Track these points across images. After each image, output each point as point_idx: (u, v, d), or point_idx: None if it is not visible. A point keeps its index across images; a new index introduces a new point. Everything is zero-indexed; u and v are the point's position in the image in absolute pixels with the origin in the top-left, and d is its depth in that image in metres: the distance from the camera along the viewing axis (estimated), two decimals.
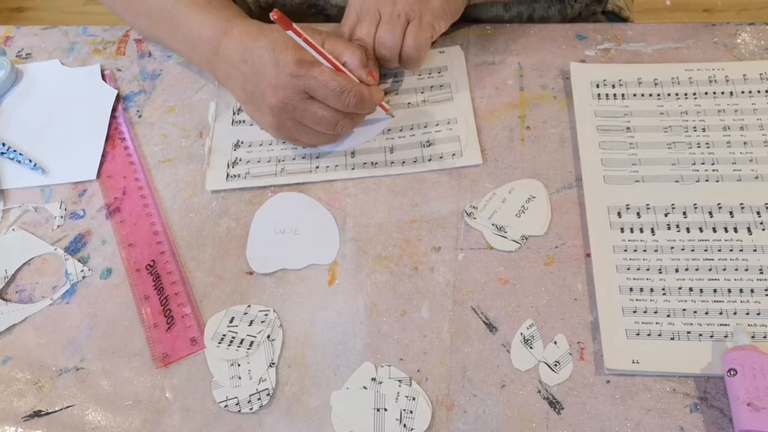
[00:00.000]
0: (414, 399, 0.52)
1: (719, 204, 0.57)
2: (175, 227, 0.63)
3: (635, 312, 0.53)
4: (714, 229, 0.56)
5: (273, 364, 0.54)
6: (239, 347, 0.55)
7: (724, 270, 0.54)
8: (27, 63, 0.76)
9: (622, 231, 0.57)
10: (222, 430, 0.52)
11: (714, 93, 0.64)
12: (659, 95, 0.65)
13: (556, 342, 0.53)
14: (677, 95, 0.64)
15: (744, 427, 0.46)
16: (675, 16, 1.79)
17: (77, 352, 0.57)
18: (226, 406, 0.53)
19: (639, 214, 0.58)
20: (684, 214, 0.57)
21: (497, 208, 0.60)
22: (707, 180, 0.59)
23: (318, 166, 0.64)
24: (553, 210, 0.60)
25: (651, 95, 0.65)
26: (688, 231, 0.56)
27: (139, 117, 0.70)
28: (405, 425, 0.51)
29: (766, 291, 0.53)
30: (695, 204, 0.58)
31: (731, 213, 0.57)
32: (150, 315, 0.58)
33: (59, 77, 0.74)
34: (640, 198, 0.59)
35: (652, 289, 0.54)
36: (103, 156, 0.68)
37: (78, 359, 0.56)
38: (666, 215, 0.57)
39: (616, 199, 0.59)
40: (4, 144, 0.69)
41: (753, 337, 0.51)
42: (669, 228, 0.57)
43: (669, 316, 0.53)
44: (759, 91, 0.64)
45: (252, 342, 0.55)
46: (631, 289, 0.54)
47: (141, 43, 0.76)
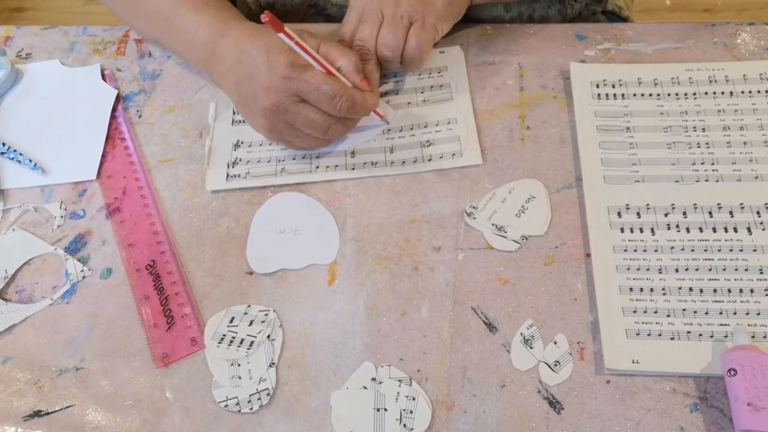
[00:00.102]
0: (414, 399, 0.52)
1: (719, 204, 0.57)
2: (175, 227, 0.63)
3: (635, 312, 0.53)
4: (714, 229, 0.56)
5: (273, 364, 0.54)
6: (239, 347, 0.55)
7: (724, 270, 0.54)
8: (27, 63, 0.76)
9: (622, 231, 0.57)
10: (222, 430, 0.52)
11: (714, 93, 0.64)
12: (659, 95, 0.65)
13: (556, 342, 0.53)
14: (677, 95, 0.64)
15: (744, 427, 0.46)
16: (675, 16, 1.79)
17: (77, 352, 0.57)
18: (226, 406, 0.53)
19: (639, 214, 0.58)
20: (684, 214, 0.57)
21: (497, 208, 0.60)
22: (707, 180, 0.59)
23: (318, 166, 0.64)
24: (553, 210, 0.60)
25: (651, 95, 0.65)
26: (688, 231, 0.56)
27: (139, 117, 0.70)
28: (405, 425, 0.51)
29: (766, 291, 0.53)
30: (695, 204, 0.58)
31: (731, 213, 0.57)
32: (150, 315, 0.58)
33: (59, 77, 0.74)
34: (640, 198, 0.59)
35: (652, 289, 0.54)
36: (103, 156, 0.68)
37: (78, 359, 0.56)
38: (666, 215, 0.57)
39: (616, 199, 0.59)
40: (4, 144, 0.69)
41: (753, 337, 0.51)
42: (669, 228, 0.57)
43: (669, 316, 0.53)
44: (759, 91, 0.64)
45: (252, 342, 0.55)
46: (631, 289, 0.54)
47: (141, 43, 0.76)
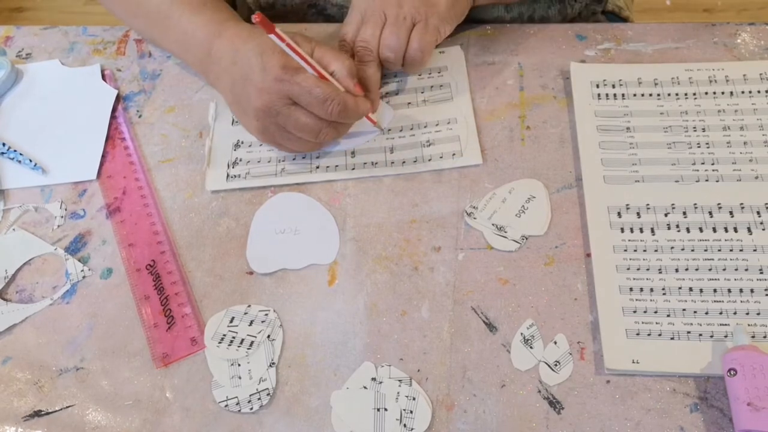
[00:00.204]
0: (414, 399, 0.52)
1: (719, 204, 0.57)
2: (175, 227, 0.63)
3: (635, 312, 0.53)
4: (714, 229, 0.56)
5: (273, 364, 0.54)
6: (239, 347, 0.55)
7: (724, 270, 0.54)
8: (27, 63, 0.76)
9: (622, 231, 0.57)
10: (222, 430, 0.52)
11: (714, 93, 0.64)
12: (659, 95, 0.65)
13: (556, 342, 0.53)
14: (677, 95, 0.64)
15: (744, 427, 0.46)
16: (675, 16, 1.79)
17: (77, 352, 0.57)
18: (226, 405, 0.53)
19: (639, 214, 0.58)
20: (684, 214, 0.57)
21: (497, 208, 0.60)
22: (707, 180, 0.59)
23: (318, 166, 0.64)
24: (553, 210, 0.60)
25: (651, 95, 0.65)
26: (688, 231, 0.56)
27: (139, 117, 0.70)
28: (405, 425, 0.51)
29: (766, 291, 0.53)
30: (695, 204, 0.58)
31: (731, 213, 0.57)
32: (150, 315, 0.58)
33: (59, 77, 0.74)
34: (640, 198, 0.59)
35: (652, 289, 0.54)
36: (103, 156, 0.68)
37: (78, 359, 0.56)
38: (666, 215, 0.57)
39: (616, 199, 0.59)
40: (4, 144, 0.69)
41: (753, 337, 0.51)
42: (669, 228, 0.57)
43: (669, 316, 0.53)
44: (759, 91, 0.64)
45: (252, 342, 0.55)
46: (631, 289, 0.54)
47: (141, 43, 0.76)
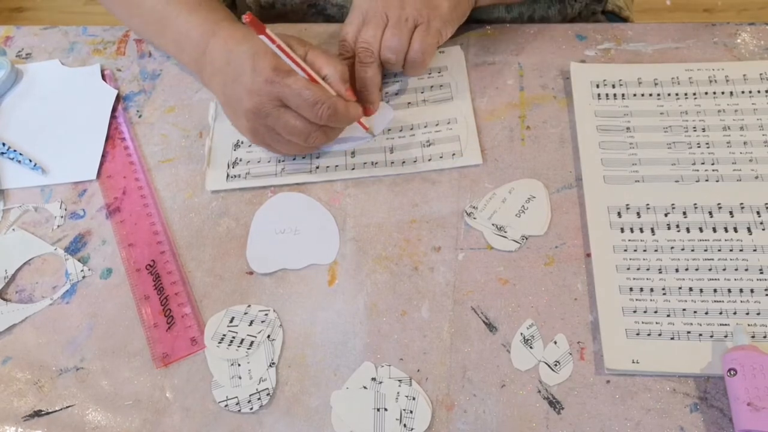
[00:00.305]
0: (414, 399, 0.52)
1: (719, 204, 0.57)
2: (175, 227, 0.63)
3: (635, 312, 0.53)
4: (714, 229, 0.56)
5: (273, 364, 0.54)
6: (239, 347, 0.55)
7: (724, 270, 0.54)
8: (27, 63, 0.76)
9: (622, 231, 0.57)
10: (222, 430, 0.52)
11: (714, 93, 0.64)
12: (659, 95, 0.65)
13: (556, 342, 0.53)
14: (677, 95, 0.64)
15: (744, 427, 0.46)
16: (675, 16, 1.79)
17: (77, 352, 0.57)
18: (226, 405, 0.53)
19: (639, 214, 0.58)
20: (684, 214, 0.57)
21: (497, 208, 0.60)
22: (707, 180, 0.59)
23: (318, 166, 0.64)
24: (553, 210, 0.60)
25: (651, 95, 0.65)
26: (688, 231, 0.56)
27: (139, 117, 0.70)
28: (405, 425, 0.51)
29: (766, 291, 0.53)
30: (695, 204, 0.58)
31: (731, 213, 0.57)
32: (150, 315, 0.58)
33: (59, 77, 0.74)
34: (640, 198, 0.59)
35: (652, 289, 0.54)
36: (103, 156, 0.68)
37: (78, 359, 0.56)
38: (666, 215, 0.57)
39: (616, 199, 0.59)
40: (4, 144, 0.69)
41: (753, 337, 0.51)
42: (669, 228, 0.57)
43: (669, 315, 0.53)
44: (759, 91, 0.64)
45: (252, 342, 0.55)
46: (631, 289, 0.54)
47: (141, 43, 0.76)
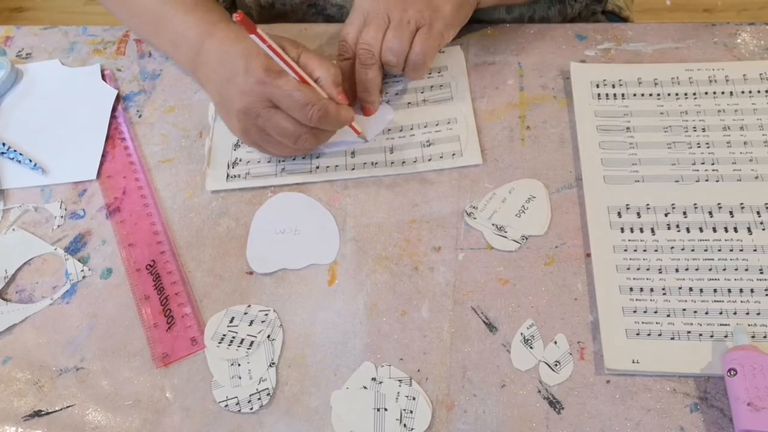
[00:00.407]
0: (414, 399, 0.52)
1: (719, 204, 0.57)
2: (175, 227, 0.63)
3: (635, 312, 0.53)
4: (714, 229, 0.56)
5: (273, 364, 0.54)
6: (239, 347, 0.55)
7: (724, 270, 0.54)
8: (27, 63, 0.76)
9: (622, 231, 0.57)
10: (222, 430, 0.52)
11: (714, 93, 0.64)
12: (659, 95, 0.65)
13: (556, 342, 0.53)
14: (677, 95, 0.64)
15: (744, 427, 0.46)
16: (675, 16, 1.79)
17: (77, 352, 0.57)
18: (226, 405, 0.53)
19: (639, 214, 0.58)
20: (684, 214, 0.57)
21: (497, 208, 0.60)
22: (707, 180, 0.59)
23: (318, 166, 0.64)
24: (553, 210, 0.60)
25: (651, 95, 0.65)
26: (688, 231, 0.56)
27: (139, 117, 0.70)
28: (405, 425, 0.51)
29: (766, 291, 0.53)
30: (695, 204, 0.58)
31: (731, 213, 0.57)
32: (150, 315, 0.58)
33: (59, 77, 0.74)
34: (640, 198, 0.59)
35: (652, 289, 0.54)
36: (103, 156, 0.68)
37: (78, 359, 0.56)
38: (666, 215, 0.57)
39: (616, 199, 0.59)
40: (4, 144, 0.69)
41: (753, 337, 0.51)
42: (669, 228, 0.57)
43: (669, 315, 0.53)
44: (759, 91, 0.64)
45: (252, 342, 0.55)
46: (631, 289, 0.54)
47: (141, 43, 0.76)
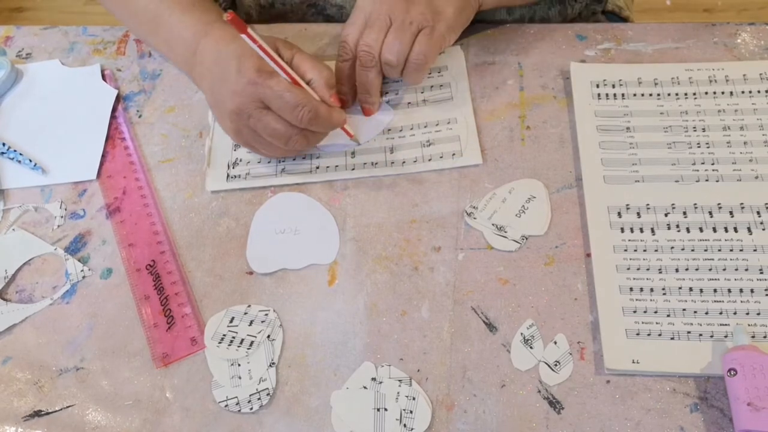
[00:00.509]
0: (414, 399, 0.52)
1: (719, 204, 0.57)
2: (175, 227, 0.63)
3: (635, 312, 0.53)
4: (714, 229, 0.56)
5: (273, 364, 0.54)
6: (239, 347, 0.55)
7: (724, 270, 0.54)
8: (27, 63, 0.76)
9: (622, 231, 0.57)
10: (222, 430, 0.52)
11: (714, 93, 0.64)
12: (659, 95, 0.65)
13: (556, 342, 0.53)
14: (677, 95, 0.64)
15: (744, 427, 0.46)
16: (675, 16, 1.79)
17: (77, 352, 0.57)
18: (226, 405, 0.53)
19: (639, 214, 0.58)
20: (684, 214, 0.57)
21: (497, 208, 0.60)
22: (707, 180, 0.59)
23: (318, 166, 0.64)
24: (553, 210, 0.60)
25: (651, 95, 0.65)
26: (688, 231, 0.56)
27: (139, 117, 0.70)
28: (405, 425, 0.51)
29: (766, 291, 0.53)
30: (695, 204, 0.58)
31: (731, 213, 0.57)
32: (150, 315, 0.58)
33: (59, 77, 0.74)
34: (640, 198, 0.59)
35: (652, 289, 0.54)
36: (103, 156, 0.68)
37: (78, 359, 0.56)
38: (666, 215, 0.57)
39: (616, 199, 0.59)
40: (4, 144, 0.69)
41: (753, 337, 0.51)
42: (669, 228, 0.57)
43: (669, 315, 0.53)
44: (759, 91, 0.64)
45: (252, 342, 0.55)
46: (631, 289, 0.54)
47: (141, 43, 0.76)
